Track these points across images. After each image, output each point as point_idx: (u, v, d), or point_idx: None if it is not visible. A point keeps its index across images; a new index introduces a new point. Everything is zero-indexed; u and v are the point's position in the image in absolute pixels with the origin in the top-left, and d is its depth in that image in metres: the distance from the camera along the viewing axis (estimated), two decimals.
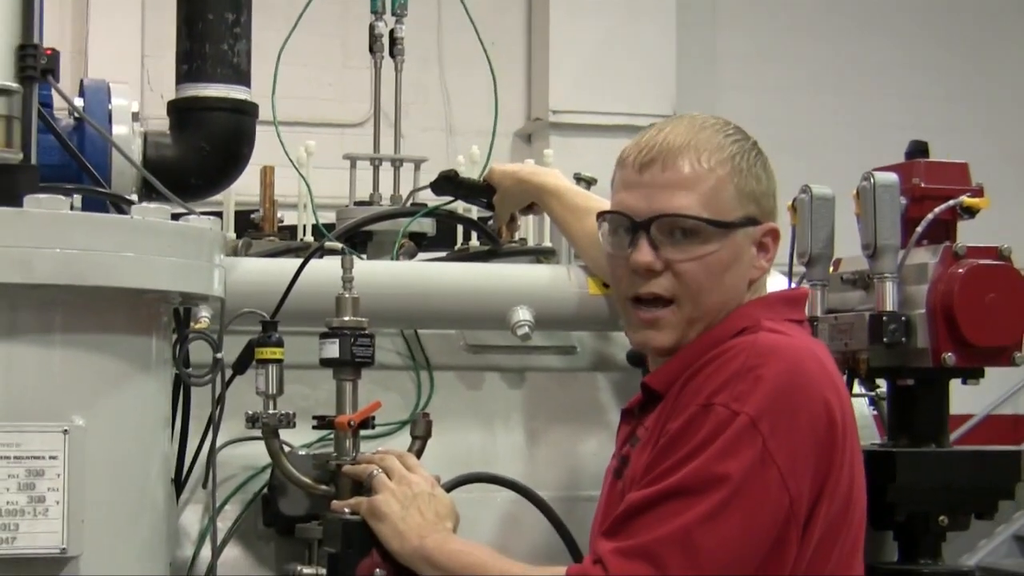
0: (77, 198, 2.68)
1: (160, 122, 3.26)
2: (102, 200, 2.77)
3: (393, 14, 3.60)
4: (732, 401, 2.28)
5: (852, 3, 10.95)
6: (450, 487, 2.77)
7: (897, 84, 10.93)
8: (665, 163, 2.46)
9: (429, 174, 3.60)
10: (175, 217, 2.44)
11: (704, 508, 2.23)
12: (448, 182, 3.35)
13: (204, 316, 2.73)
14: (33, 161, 2.47)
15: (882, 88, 10.90)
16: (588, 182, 3.36)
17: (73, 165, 2.81)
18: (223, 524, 2.89)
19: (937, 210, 3.20)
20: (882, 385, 3.39)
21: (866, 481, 3.09)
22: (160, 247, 2.34)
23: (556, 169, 3.33)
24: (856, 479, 2.41)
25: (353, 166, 3.62)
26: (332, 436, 2.77)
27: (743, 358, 2.32)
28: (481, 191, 3.37)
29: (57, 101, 2.84)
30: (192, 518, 2.90)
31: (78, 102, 2.94)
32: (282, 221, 3.54)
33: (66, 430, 2.25)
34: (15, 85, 2.42)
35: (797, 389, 2.30)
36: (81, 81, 3.07)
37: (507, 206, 3.34)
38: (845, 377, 3.25)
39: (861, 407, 3.52)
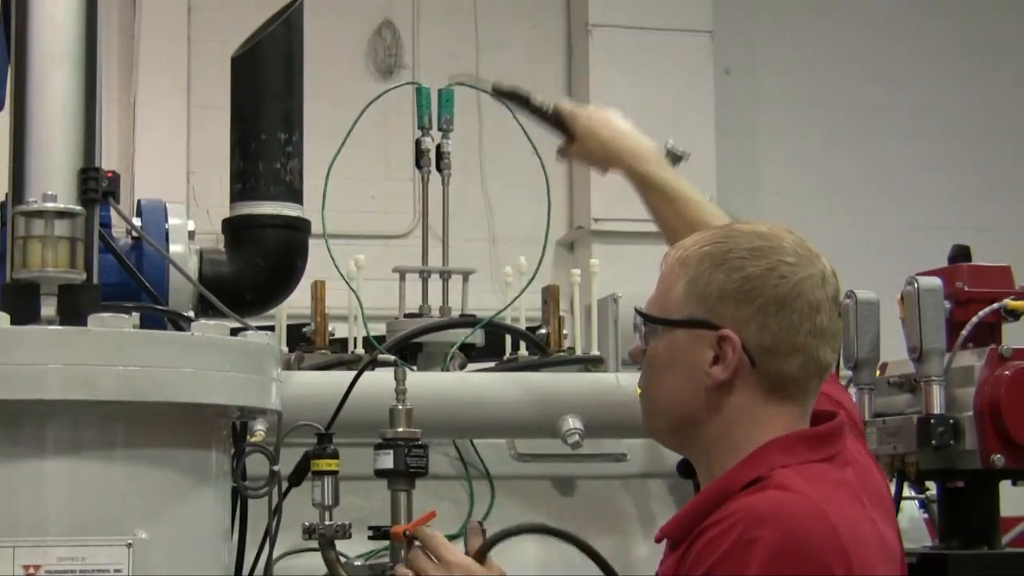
0: (134, 314, 2.73)
1: (206, 237, 3.30)
2: (160, 317, 2.82)
3: (440, 129, 3.63)
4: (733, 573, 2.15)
5: (891, 107, 10.98)
6: (493, 541, 2.66)
7: (937, 186, 10.94)
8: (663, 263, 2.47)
9: (476, 284, 3.66)
10: (233, 332, 2.49)
11: None
12: (517, 99, 3.17)
13: (260, 429, 2.79)
14: (95, 281, 2.53)
15: (922, 191, 10.92)
16: (679, 156, 3.22)
17: (131, 282, 2.84)
18: None
19: (981, 313, 3.23)
20: (932, 488, 3.40)
21: None
22: (219, 362, 2.38)
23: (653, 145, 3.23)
24: None
25: (402, 279, 3.66)
26: (388, 546, 2.79)
27: (741, 528, 2.17)
28: (553, 124, 3.18)
29: (114, 219, 2.89)
30: None
31: (136, 222, 3.00)
32: (332, 334, 3.59)
33: (130, 543, 2.28)
34: (79, 208, 2.48)
35: (797, 561, 2.14)
36: (139, 201, 3.12)
37: (583, 160, 3.28)
38: (894, 481, 3.28)
39: (912, 510, 3.53)
